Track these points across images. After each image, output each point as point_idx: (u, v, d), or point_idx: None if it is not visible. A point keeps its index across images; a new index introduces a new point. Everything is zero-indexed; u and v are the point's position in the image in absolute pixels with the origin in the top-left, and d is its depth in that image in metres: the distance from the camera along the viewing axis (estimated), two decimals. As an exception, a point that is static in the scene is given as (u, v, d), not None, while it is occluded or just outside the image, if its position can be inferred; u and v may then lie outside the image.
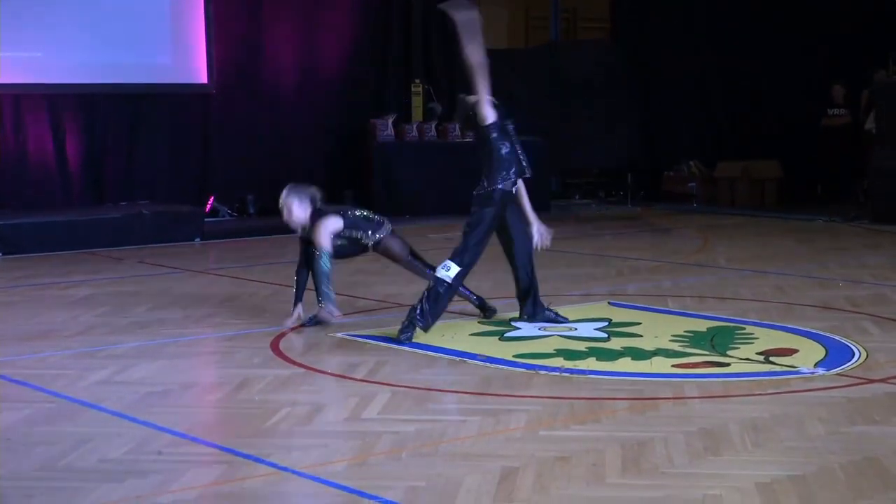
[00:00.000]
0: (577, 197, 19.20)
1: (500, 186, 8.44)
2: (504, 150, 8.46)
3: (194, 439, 5.92)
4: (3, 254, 13.13)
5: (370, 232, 8.84)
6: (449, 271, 8.35)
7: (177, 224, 14.39)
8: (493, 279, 10.19)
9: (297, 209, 8.74)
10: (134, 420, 6.27)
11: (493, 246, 8.84)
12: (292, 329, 8.57)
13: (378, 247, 8.90)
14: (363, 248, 8.89)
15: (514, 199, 8.63)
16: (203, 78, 16.02)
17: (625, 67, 19.61)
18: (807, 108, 17.92)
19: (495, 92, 8.58)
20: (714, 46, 19.09)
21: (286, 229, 9.12)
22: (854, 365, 7.35)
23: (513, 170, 8.47)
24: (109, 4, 15.25)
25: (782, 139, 18.22)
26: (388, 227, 8.97)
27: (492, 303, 9.10)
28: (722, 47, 18.96)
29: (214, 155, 16.24)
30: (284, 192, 8.83)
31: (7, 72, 14.60)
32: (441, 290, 8.30)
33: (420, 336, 8.25)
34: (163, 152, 15.85)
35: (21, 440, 5.93)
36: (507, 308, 9.33)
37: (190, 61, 15.95)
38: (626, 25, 19.98)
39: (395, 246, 9.01)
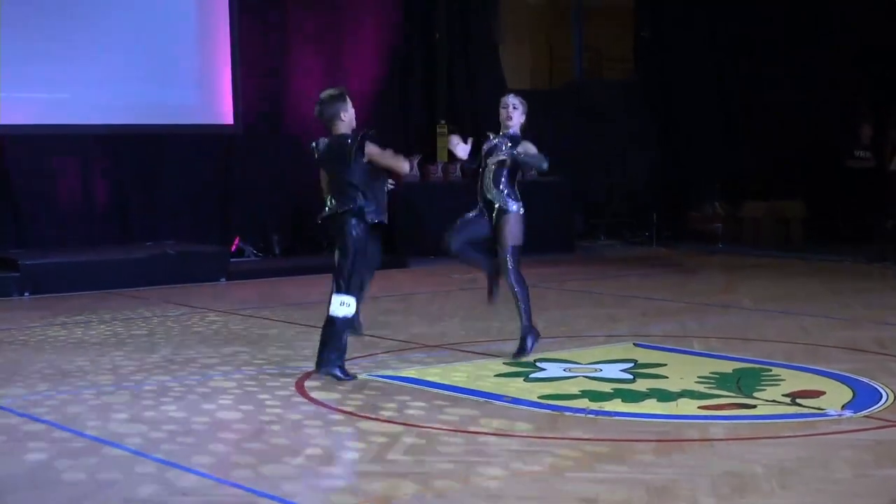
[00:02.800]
0: (601, 238, 19.19)
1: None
2: None
3: (218, 480, 5.93)
4: (30, 293, 13.19)
5: None
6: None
7: (202, 264, 14.44)
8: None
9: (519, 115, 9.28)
10: (158, 460, 6.28)
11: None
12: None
13: None
14: None
15: None
16: (229, 119, 16.11)
17: (648, 106, 19.65)
18: (833, 147, 17.87)
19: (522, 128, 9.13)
20: (738, 86, 19.12)
21: (311, 269, 9.16)
22: (882, 407, 7.31)
23: None
24: (136, 46, 15.36)
25: (808, 179, 18.18)
26: None
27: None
28: (746, 87, 18.98)
29: (239, 195, 16.29)
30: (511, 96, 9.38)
31: (34, 113, 14.71)
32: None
33: (445, 377, 8.26)
34: (188, 192, 15.91)
35: (45, 479, 5.94)
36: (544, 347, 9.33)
37: (216, 102, 16.05)
38: (649, 64, 20.01)
39: None
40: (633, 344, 9.63)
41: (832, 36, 18.15)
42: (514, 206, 9.06)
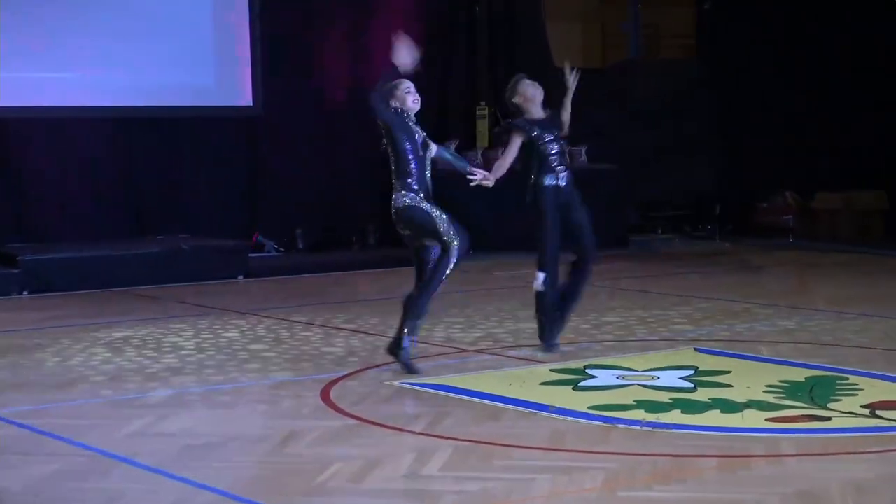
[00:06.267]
0: (658, 231, 19.15)
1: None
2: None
3: (237, 498, 5.95)
4: (29, 292, 13.27)
5: None
6: (537, 281, 9.36)
7: (219, 260, 14.51)
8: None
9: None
10: (171, 476, 6.30)
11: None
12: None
13: None
14: None
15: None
16: (248, 100, 16.15)
17: (711, 87, 19.58)
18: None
19: (571, 111, 9.24)
20: (810, 65, 18.98)
21: (339, 266, 9.23)
22: (971, 420, 7.27)
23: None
24: (149, 22, 15.41)
25: (889, 167, 18.05)
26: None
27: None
28: (819, 66, 18.84)
29: (260, 184, 16.35)
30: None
31: (38, 93, 14.78)
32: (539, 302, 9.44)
33: (485, 385, 8.27)
34: (204, 181, 15.98)
35: (49, 497, 5.98)
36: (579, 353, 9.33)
37: (234, 82, 16.08)
38: (712, 42, 19.95)
39: None
40: (694, 349, 9.61)
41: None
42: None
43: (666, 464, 6.42)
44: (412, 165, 8.84)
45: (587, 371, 8.79)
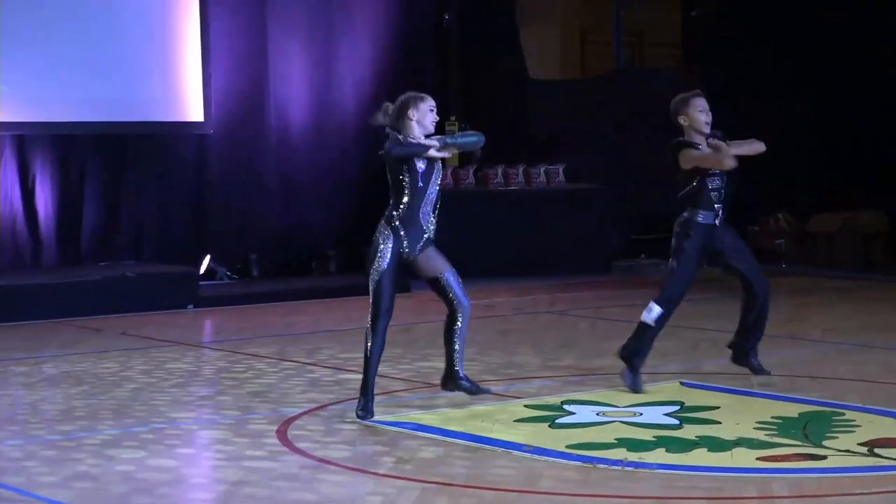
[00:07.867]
0: (643, 256, 19.17)
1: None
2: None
3: (185, 545, 5.95)
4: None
5: None
6: (650, 313, 9.45)
7: (167, 288, 14.46)
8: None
9: None
10: (114, 522, 6.30)
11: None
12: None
13: None
14: None
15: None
16: (198, 115, 16.11)
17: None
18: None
19: (549, 127, 9.05)
20: (806, 78, 19.02)
21: (296, 295, 9.18)
22: (977, 458, 7.32)
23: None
24: (88, 29, 15.35)
25: (890, 187, 18.11)
26: None
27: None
28: (816, 79, 18.89)
29: (211, 206, 16.30)
30: None
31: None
32: (642, 333, 9.41)
33: (455, 422, 8.28)
34: (150, 203, 15.91)
35: (-20, 546, 5.98)
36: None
37: (183, 95, 16.04)
38: (701, 51, 20.02)
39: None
40: (680, 383, 9.65)
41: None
42: None
43: (649, 507, 6.45)
44: (404, 199, 8.59)
45: (564, 407, 8.81)
